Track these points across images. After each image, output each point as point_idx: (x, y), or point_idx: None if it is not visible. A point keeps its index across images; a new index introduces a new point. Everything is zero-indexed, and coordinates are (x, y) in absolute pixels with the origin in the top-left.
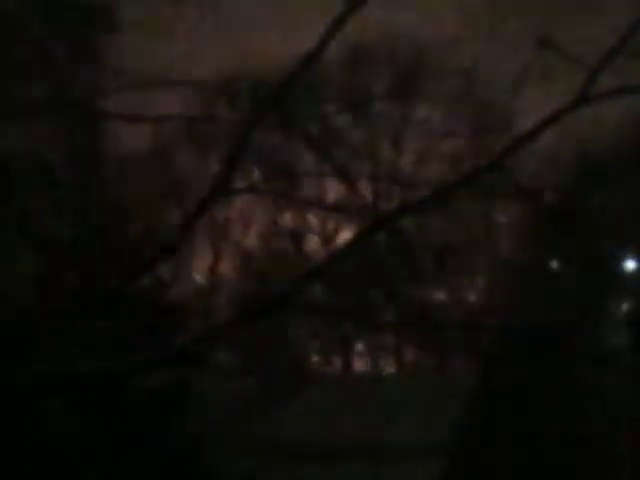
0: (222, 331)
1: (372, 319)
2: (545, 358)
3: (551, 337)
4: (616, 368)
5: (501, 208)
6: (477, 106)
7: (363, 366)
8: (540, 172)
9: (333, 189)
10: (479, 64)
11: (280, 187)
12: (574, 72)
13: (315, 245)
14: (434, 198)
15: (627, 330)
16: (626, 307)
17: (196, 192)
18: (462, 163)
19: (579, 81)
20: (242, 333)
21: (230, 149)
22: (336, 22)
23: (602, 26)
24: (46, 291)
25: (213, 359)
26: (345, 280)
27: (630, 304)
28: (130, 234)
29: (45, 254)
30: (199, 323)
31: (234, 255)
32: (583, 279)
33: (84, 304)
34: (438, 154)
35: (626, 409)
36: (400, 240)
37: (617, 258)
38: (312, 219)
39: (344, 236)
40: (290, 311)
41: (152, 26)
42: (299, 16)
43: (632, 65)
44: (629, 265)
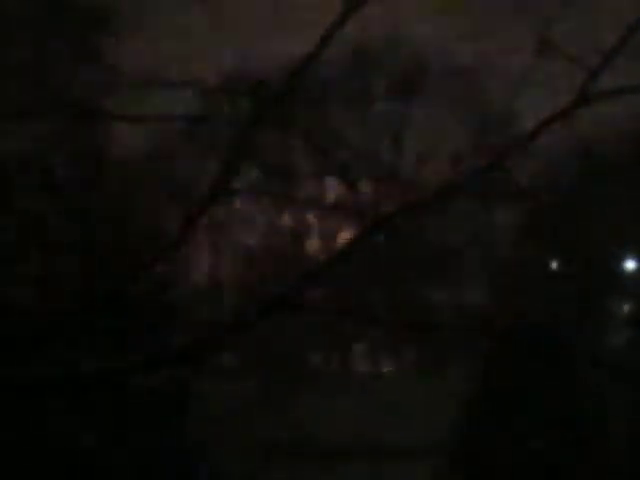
0: (222, 331)
1: (372, 319)
2: (545, 358)
3: (551, 337)
4: (616, 368)
5: (501, 208)
6: (477, 106)
7: (363, 366)
8: (540, 172)
9: (333, 189)
10: (479, 64)
11: (280, 187)
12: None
13: (315, 245)
14: (434, 198)
15: (627, 330)
16: (626, 307)
17: (196, 192)
18: (462, 163)
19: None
20: (242, 333)
21: (230, 149)
22: (336, 22)
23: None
24: (46, 291)
25: (213, 359)
26: (345, 280)
27: (630, 304)
28: (130, 234)
29: (45, 254)
30: (199, 323)
31: (234, 255)
32: (583, 279)
33: (84, 304)
34: (438, 154)
35: (626, 409)
36: (400, 240)
37: (617, 258)
38: (312, 219)
39: (344, 236)
40: (290, 312)
41: (153, 26)
42: (299, 16)
43: (632, 65)
44: (629, 265)
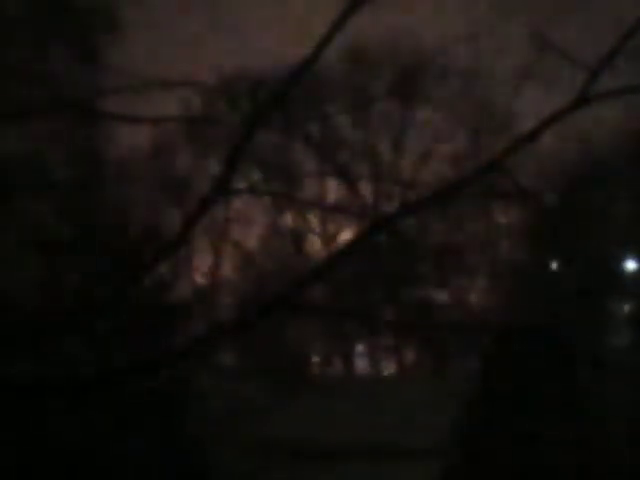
0: (222, 331)
1: (373, 320)
2: (545, 358)
3: (551, 337)
4: (616, 368)
5: (501, 208)
6: (477, 106)
7: (363, 367)
8: (540, 172)
9: (333, 189)
10: (479, 64)
11: (280, 187)
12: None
13: (315, 246)
14: (434, 198)
15: (627, 330)
16: (626, 307)
17: (196, 192)
18: (462, 163)
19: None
20: (242, 333)
21: (230, 149)
22: (337, 22)
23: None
24: (47, 291)
25: (213, 359)
26: (345, 281)
27: (630, 304)
28: (130, 234)
29: (46, 255)
30: (199, 323)
31: (234, 255)
32: (583, 279)
33: (84, 304)
34: (438, 155)
35: (626, 409)
36: (400, 241)
37: (617, 258)
38: (312, 219)
39: (344, 237)
40: (290, 312)
41: (152, 26)
42: (299, 16)
43: (632, 65)
44: (629, 265)
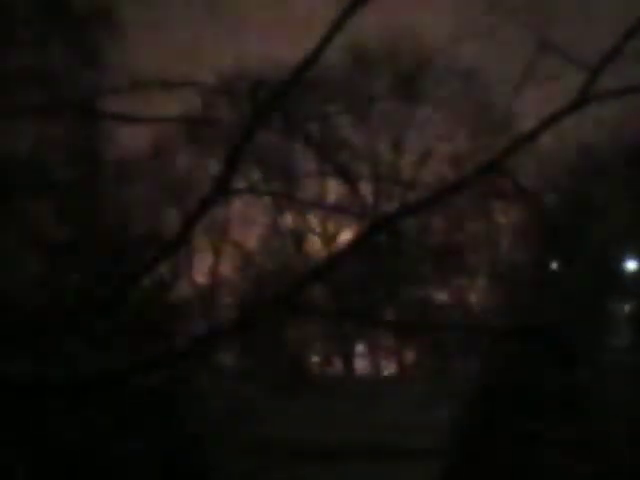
0: (222, 331)
1: (372, 320)
2: (545, 358)
3: (551, 337)
4: (616, 368)
5: (501, 208)
6: (477, 106)
7: (363, 367)
8: (540, 172)
9: (333, 189)
10: (479, 64)
11: (280, 187)
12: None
13: (315, 246)
14: (434, 198)
15: (627, 330)
16: (626, 307)
17: (196, 192)
18: (462, 163)
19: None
20: (242, 333)
21: (230, 149)
22: (337, 22)
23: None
24: (47, 291)
25: (213, 359)
26: (345, 281)
27: (630, 304)
28: (130, 234)
29: (46, 255)
30: (199, 323)
31: (234, 255)
32: (583, 279)
33: (84, 304)
34: (438, 155)
35: (626, 409)
36: (400, 241)
37: (617, 258)
38: (312, 219)
39: (344, 237)
40: (290, 312)
41: (152, 26)
42: (300, 16)
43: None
44: (629, 265)
